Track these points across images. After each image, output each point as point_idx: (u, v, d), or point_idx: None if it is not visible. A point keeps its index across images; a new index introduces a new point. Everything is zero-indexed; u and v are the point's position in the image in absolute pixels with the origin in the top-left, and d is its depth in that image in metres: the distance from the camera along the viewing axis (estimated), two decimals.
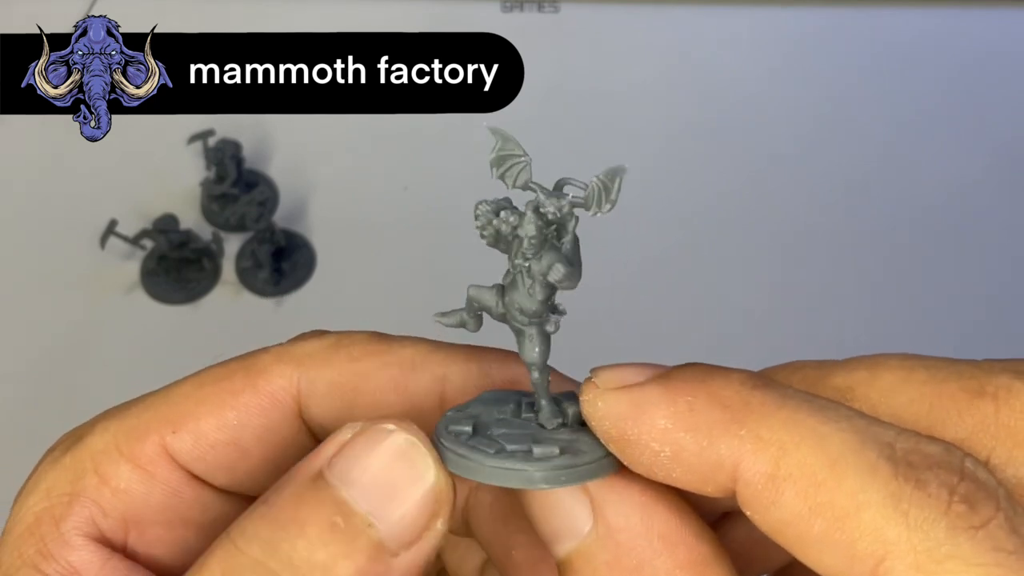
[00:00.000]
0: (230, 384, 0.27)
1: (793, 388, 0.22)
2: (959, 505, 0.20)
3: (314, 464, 0.23)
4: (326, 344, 0.28)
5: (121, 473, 0.27)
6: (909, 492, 0.20)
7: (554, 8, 0.79)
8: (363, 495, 0.23)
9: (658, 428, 0.22)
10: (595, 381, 0.24)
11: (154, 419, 0.27)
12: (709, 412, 0.22)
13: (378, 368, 0.27)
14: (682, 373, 0.23)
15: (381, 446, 0.23)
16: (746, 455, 0.21)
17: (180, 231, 0.67)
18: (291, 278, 0.68)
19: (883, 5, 0.80)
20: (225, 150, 0.69)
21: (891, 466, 0.20)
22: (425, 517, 0.23)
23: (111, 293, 0.68)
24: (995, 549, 0.20)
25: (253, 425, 0.27)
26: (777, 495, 0.21)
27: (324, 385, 0.27)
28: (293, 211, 0.71)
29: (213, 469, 0.27)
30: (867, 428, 0.21)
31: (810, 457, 0.21)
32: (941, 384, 0.24)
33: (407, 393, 0.27)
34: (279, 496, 0.23)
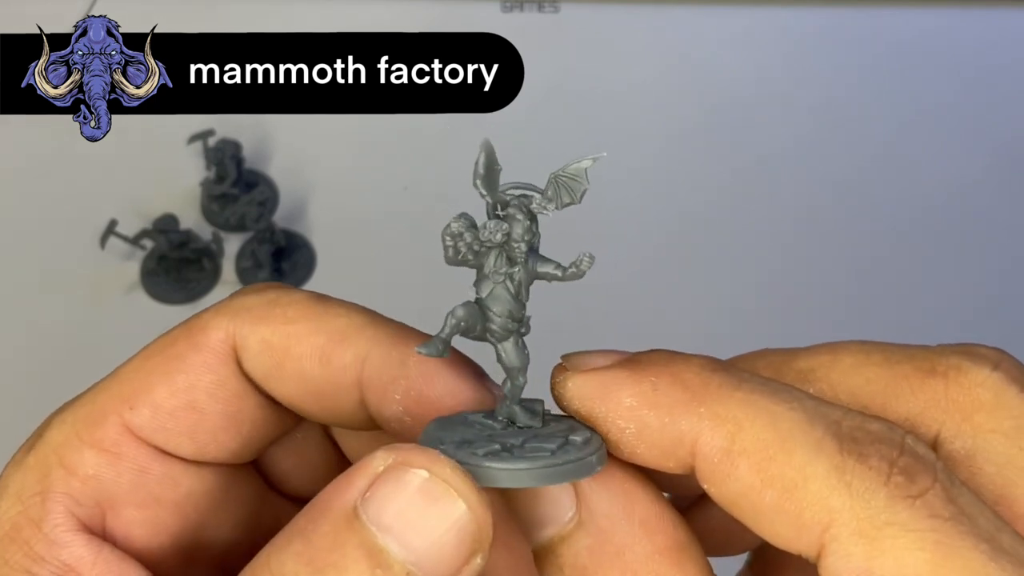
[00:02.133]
0: (174, 349, 0.28)
1: (750, 373, 0.24)
2: (898, 476, 0.21)
3: (347, 499, 0.23)
4: (264, 300, 0.28)
5: (87, 460, 0.27)
6: (852, 465, 0.22)
7: (554, 8, 0.79)
8: (399, 540, 0.23)
9: (624, 406, 0.24)
10: (565, 365, 0.25)
11: (109, 400, 0.27)
12: (671, 392, 0.23)
13: (308, 333, 0.27)
14: (648, 357, 0.25)
15: (412, 487, 0.23)
16: (704, 431, 0.23)
17: (180, 231, 0.67)
18: (291, 278, 0.68)
19: (883, 5, 0.80)
20: (225, 150, 0.69)
21: (836, 441, 0.22)
22: (464, 555, 0.23)
23: (111, 293, 0.68)
24: (931, 516, 0.21)
25: (203, 384, 0.27)
26: (732, 468, 0.22)
27: (256, 342, 0.27)
28: (293, 211, 0.71)
29: (176, 437, 0.27)
30: (816, 408, 0.23)
31: (763, 433, 0.22)
32: (896, 365, 0.26)
33: (329, 365, 0.27)
34: (316, 532, 0.23)
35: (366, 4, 0.74)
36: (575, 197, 0.25)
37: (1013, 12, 0.80)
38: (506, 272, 0.25)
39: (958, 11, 0.80)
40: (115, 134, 0.33)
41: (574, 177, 0.25)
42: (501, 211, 0.25)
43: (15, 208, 0.71)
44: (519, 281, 0.25)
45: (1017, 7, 0.80)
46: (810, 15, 0.80)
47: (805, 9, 0.80)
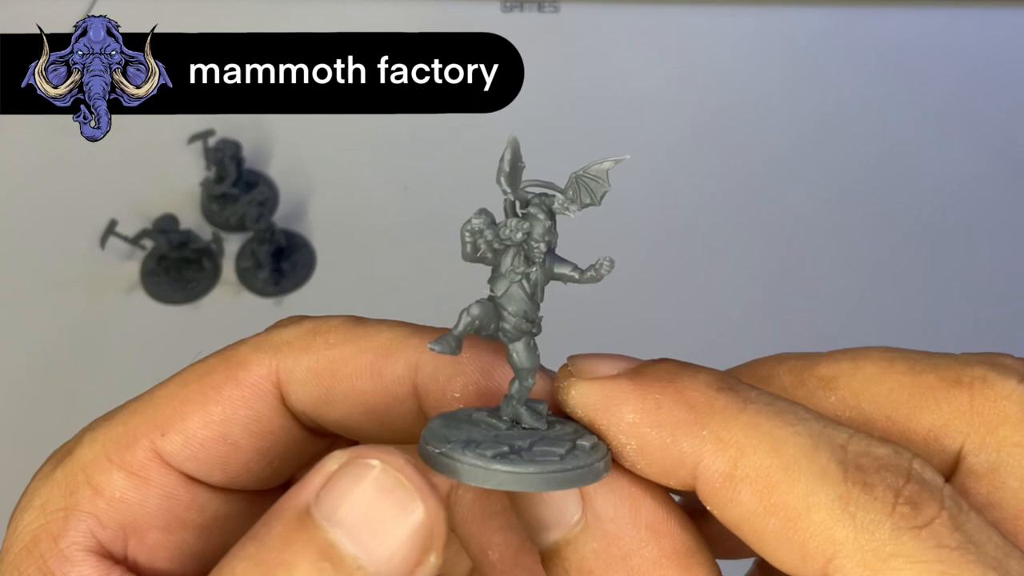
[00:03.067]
0: (211, 379, 0.27)
1: (757, 391, 0.23)
2: (903, 507, 0.21)
3: (300, 499, 0.23)
4: (303, 331, 0.28)
5: (115, 482, 0.27)
6: (856, 495, 0.21)
7: (554, 8, 0.79)
8: (351, 535, 0.22)
9: (626, 421, 0.23)
10: (570, 369, 0.25)
11: (141, 424, 0.27)
12: (675, 411, 0.23)
13: (354, 354, 0.27)
14: (653, 369, 0.24)
15: (366, 482, 0.23)
16: (706, 454, 0.22)
17: (180, 231, 0.67)
18: (291, 278, 0.68)
19: (884, 5, 0.80)
20: (225, 150, 0.69)
21: (841, 469, 0.21)
22: (416, 553, 0.23)
23: (111, 293, 0.68)
24: (938, 546, 0.21)
25: (239, 418, 0.27)
26: (735, 494, 0.22)
27: (302, 372, 0.27)
28: (293, 211, 0.71)
29: (206, 467, 0.27)
30: (821, 431, 0.22)
31: (766, 459, 0.22)
32: (920, 375, 0.25)
33: (382, 379, 0.27)
34: (268, 534, 0.23)
35: (366, 4, 0.74)
36: (595, 199, 0.25)
37: (1013, 12, 0.80)
38: (523, 272, 0.25)
39: (958, 11, 0.80)
40: (115, 134, 0.33)
41: (596, 178, 0.25)
42: (521, 209, 0.25)
43: (15, 208, 0.71)
44: (535, 281, 0.25)
45: (1017, 7, 0.80)
46: (811, 15, 0.80)
47: (806, 9, 0.80)
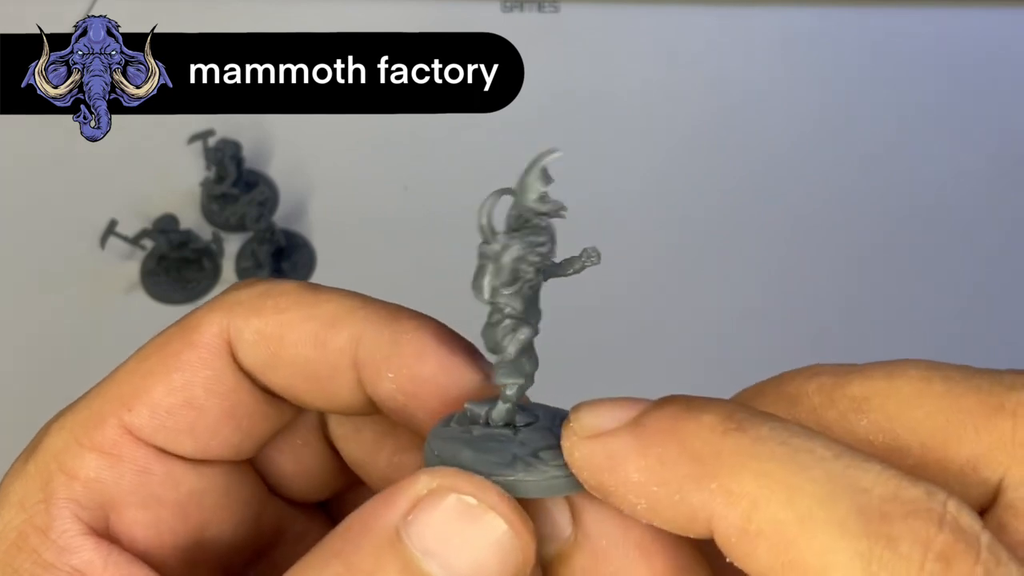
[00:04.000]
0: (169, 347, 0.28)
1: (770, 424, 0.21)
2: (933, 564, 0.19)
3: (389, 519, 0.23)
4: (255, 292, 0.28)
5: (88, 464, 0.27)
6: (879, 552, 0.19)
7: (554, 8, 0.79)
8: (444, 566, 0.22)
9: (632, 481, 0.22)
10: (571, 426, 0.23)
11: (107, 403, 0.27)
12: (679, 465, 0.21)
13: (301, 320, 0.27)
14: (655, 417, 0.22)
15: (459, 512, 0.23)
16: (718, 509, 0.21)
17: (180, 231, 0.67)
18: (291, 278, 0.68)
19: (884, 5, 0.80)
20: (225, 150, 0.69)
21: (862, 522, 0.20)
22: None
23: (111, 293, 0.68)
24: None
25: (200, 380, 0.27)
26: (751, 548, 0.21)
27: (251, 333, 0.27)
28: (293, 211, 0.71)
29: (176, 436, 0.27)
30: (842, 474, 0.20)
31: (780, 513, 0.20)
32: (959, 398, 0.23)
33: (324, 349, 0.27)
34: (356, 554, 0.23)
35: (366, 4, 0.74)
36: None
37: (1013, 12, 0.80)
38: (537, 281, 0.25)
39: (958, 11, 0.80)
40: (115, 134, 0.33)
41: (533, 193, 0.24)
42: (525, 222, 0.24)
43: (15, 208, 0.71)
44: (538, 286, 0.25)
45: (1017, 7, 0.80)
46: (811, 15, 0.80)
47: (806, 9, 0.80)
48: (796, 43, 0.79)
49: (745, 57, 0.78)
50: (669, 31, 0.79)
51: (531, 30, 0.77)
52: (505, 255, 0.24)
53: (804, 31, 0.79)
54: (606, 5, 0.79)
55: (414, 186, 0.72)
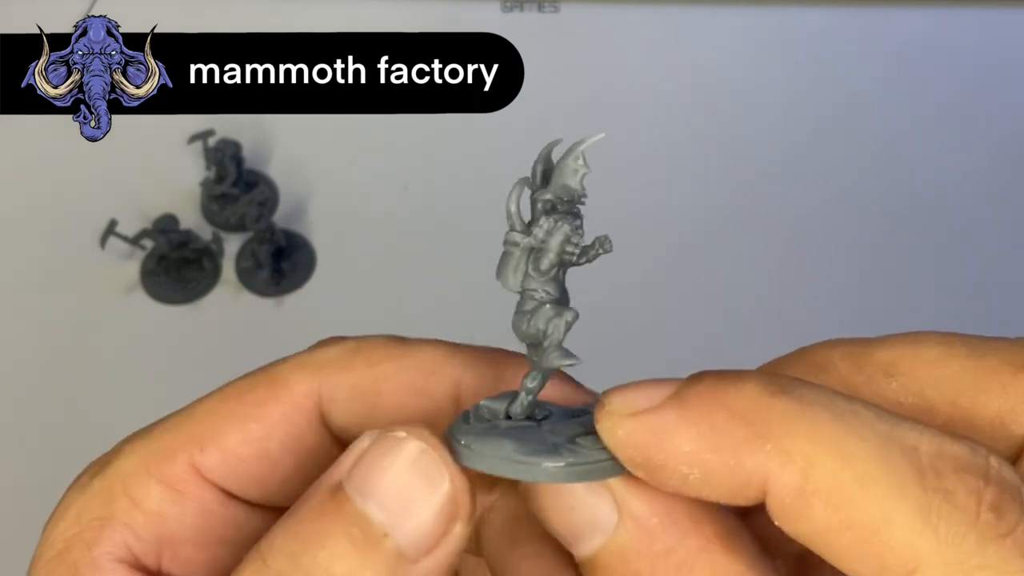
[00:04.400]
0: (253, 396, 0.27)
1: (810, 388, 0.22)
2: (988, 513, 0.20)
3: (334, 475, 0.24)
4: (345, 349, 0.28)
5: (152, 495, 0.27)
6: (938, 504, 0.20)
7: (554, 8, 0.79)
8: (380, 505, 0.23)
9: (683, 452, 0.22)
10: (608, 408, 0.23)
11: (181, 438, 0.27)
12: (731, 430, 0.22)
13: (397, 372, 0.27)
14: (695, 389, 0.23)
15: (395, 454, 0.23)
16: (774, 470, 0.21)
17: (180, 231, 0.67)
18: (291, 278, 0.68)
19: (884, 5, 0.80)
20: (225, 150, 0.69)
21: (918, 477, 0.21)
22: (442, 523, 0.23)
23: (111, 293, 0.68)
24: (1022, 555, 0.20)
25: (278, 435, 0.27)
26: (807, 508, 0.21)
27: (345, 390, 0.27)
28: (293, 211, 0.71)
29: (244, 484, 0.27)
30: (891, 433, 0.21)
31: (838, 471, 0.21)
32: (982, 359, 0.25)
33: (425, 396, 0.27)
34: (302, 508, 0.23)
35: (366, 4, 0.74)
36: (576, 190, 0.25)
37: (1013, 12, 0.80)
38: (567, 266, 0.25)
39: (958, 11, 0.80)
40: (115, 134, 0.33)
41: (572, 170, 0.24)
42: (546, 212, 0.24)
43: (15, 208, 0.71)
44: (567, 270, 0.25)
45: (1017, 7, 0.80)
46: (811, 15, 0.80)
47: (806, 9, 0.80)
48: (797, 43, 0.79)
49: (745, 57, 0.78)
50: (669, 31, 0.79)
51: (531, 30, 0.77)
52: (553, 237, 0.24)
53: (805, 31, 0.79)
54: (606, 5, 0.79)
55: (414, 186, 0.72)
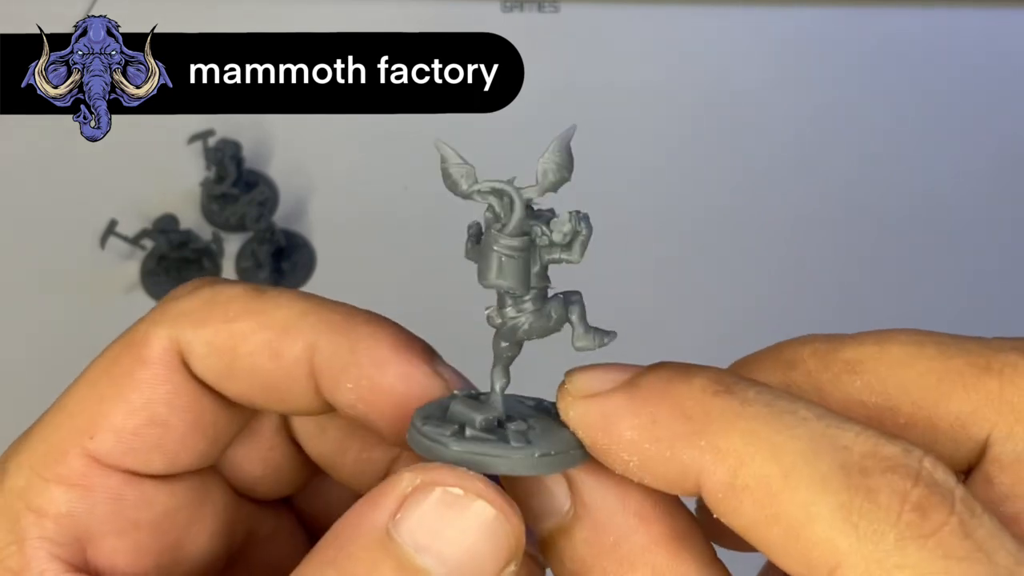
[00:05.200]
0: (119, 367, 0.27)
1: (756, 388, 0.23)
2: (910, 514, 0.20)
3: (377, 520, 0.23)
4: (201, 301, 0.27)
5: (56, 500, 0.26)
6: (859, 503, 0.20)
7: (554, 8, 0.79)
8: (437, 558, 0.23)
9: (625, 439, 0.23)
10: (566, 387, 0.24)
11: (65, 434, 0.27)
12: (671, 424, 0.22)
13: (253, 330, 0.27)
14: (648, 379, 0.23)
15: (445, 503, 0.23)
16: (706, 465, 0.22)
17: (180, 231, 0.67)
18: (291, 278, 0.68)
19: (884, 5, 0.80)
20: (225, 150, 0.69)
21: (843, 475, 0.21)
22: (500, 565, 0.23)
23: (111, 293, 0.68)
24: (945, 556, 0.20)
25: (159, 396, 0.27)
26: (737, 503, 0.22)
27: (201, 346, 0.27)
28: (293, 211, 0.71)
29: (144, 457, 0.27)
30: (823, 432, 0.21)
31: (764, 468, 0.21)
32: (949, 360, 0.25)
33: (279, 359, 0.27)
34: (350, 558, 0.23)
35: (366, 4, 0.74)
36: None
37: (1013, 12, 0.80)
38: None
39: (958, 11, 0.80)
40: (115, 134, 0.33)
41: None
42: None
43: (15, 208, 0.71)
44: None
45: (1017, 7, 0.80)
46: (811, 15, 0.80)
47: (806, 9, 0.80)
48: (796, 43, 0.79)
49: (745, 57, 0.78)
50: (669, 31, 0.79)
51: (531, 30, 0.77)
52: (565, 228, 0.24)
53: (804, 31, 0.79)
54: (606, 5, 0.79)
55: (414, 186, 0.72)
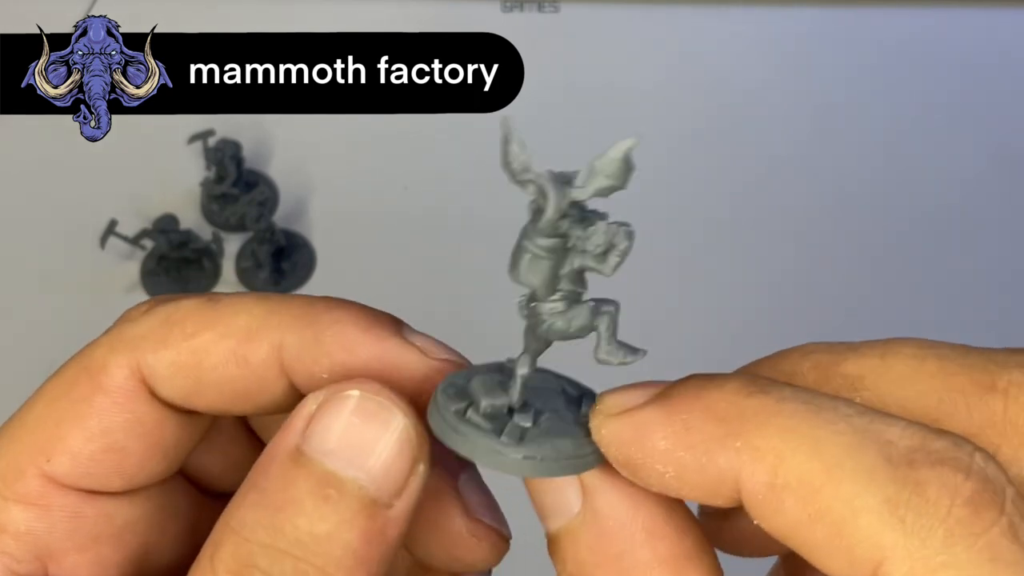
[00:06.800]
0: (77, 391, 0.27)
1: (792, 388, 0.22)
2: (960, 509, 0.19)
3: (289, 440, 0.24)
4: (158, 321, 0.27)
5: (15, 517, 0.26)
6: (907, 496, 0.20)
7: (554, 8, 0.79)
8: (345, 460, 0.23)
9: (659, 449, 0.22)
10: (598, 407, 0.24)
11: (22, 452, 0.26)
12: (704, 427, 0.22)
13: (215, 342, 0.26)
14: (680, 389, 0.23)
15: (348, 410, 0.24)
16: (744, 466, 0.21)
17: (180, 231, 0.67)
18: (291, 278, 0.68)
19: (884, 5, 0.80)
20: (225, 150, 0.69)
21: (889, 468, 0.20)
22: (407, 463, 0.24)
23: (111, 293, 0.68)
24: (992, 559, 0.19)
25: (118, 423, 0.27)
26: (779, 503, 0.21)
27: (164, 367, 0.27)
28: (293, 211, 0.71)
29: (102, 479, 0.27)
30: (867, 427, 0.21)
31: (806, 463, 0.20)
32: (951, 376, 0.24)
33: (247, 365, 0.27)
34: (267, 479, 0.24)
35: (366, 4, 0.74)
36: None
37: (1013, 12, 0.80)
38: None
39: (958, 11, 0.80)
40: (115, 134, 0.33)
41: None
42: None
43: (15, 208, 0.71)
44: None
45: (1017, 7, 0.80)
46: (811, 15, 0.80)
47: (806, 9, 0.80)
48: (796, 43, 0.79)
49: (745, 57, 0.78)
50: (669, 31, 0.79)
51: (531, 30, 0.77)
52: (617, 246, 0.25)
53: (804, 31, 0.79)
54: (606, 5, 0.79)
55: (414, 186, 0.72)
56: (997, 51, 0.78)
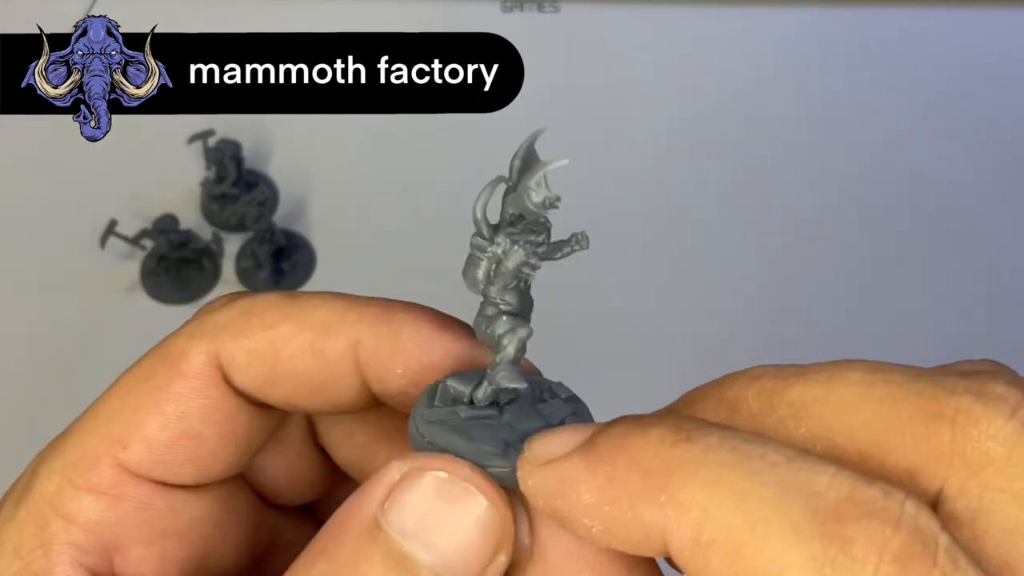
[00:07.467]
0: (155, 380, 0.27)
1: (720, 433, 0.21)
2: (889, 566, 0.18)
3: (366, 510, 0.23)
4: (239, 311, 0.27)
5: (86, 506, 0.26)
6: (833, 554, 0.19)
7: (554, 8, 0.79)
8: (423, 545, 0.23)
9: (584, 503, 0.21)
10: (526, 456, 0.23)
11: (98, 443, 0.27)
12: (629, 481, 0.21)
13: (293, 334, 0.27)
14: (605, 437, 0.22)
15: (432, 490, 0.23)
16: (670, 521, 0.20)
17: (180, 231, 0.67)
18: (291, 278, 0.68)
19: (884, 5, 0.80)
20: (225, 150, 0.69)
21: (815, 523, 0.19)
22: (487, 554, 0.23)
23: (111, 293, 0.68)
24: None
25: (195, 410, 0.27)
26: (705, 560, 0.20)
27: (242, 355, 0.27)
28: (293, 211, 0.71)
29: (176, 467, 0.27)
30: (794, 477, 0.20)
31: (731, 519, 0.20)
32: (899, 403, 0.22)
33: (323, 358, 0.27)
34: (338, 549, 0.23)
35: (366, 4, 0.74)
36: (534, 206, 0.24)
37: (1013, 12, 0.80)
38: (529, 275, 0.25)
39: (958, 11, 0.80)
40: (115, 134, 0.33)
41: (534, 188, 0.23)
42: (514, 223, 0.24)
43: (15, 208, 0.71)
44: None
45: (1017, 7, 0.80)
46: (811, 15, 0.80)
47: (805, 9, 0.80)
48: (796, 43, 0.79)
49: (745, 57, 0.78)
50: (669, 31, 0.79)
51: (531, 30, 0.77)
52: (509, 260, 0.24)
53: (804, 31, 0.79)
54: (606, 5, 0.79)
55: (414, 186, 0.72)
56: (997, 51, 0.78)
